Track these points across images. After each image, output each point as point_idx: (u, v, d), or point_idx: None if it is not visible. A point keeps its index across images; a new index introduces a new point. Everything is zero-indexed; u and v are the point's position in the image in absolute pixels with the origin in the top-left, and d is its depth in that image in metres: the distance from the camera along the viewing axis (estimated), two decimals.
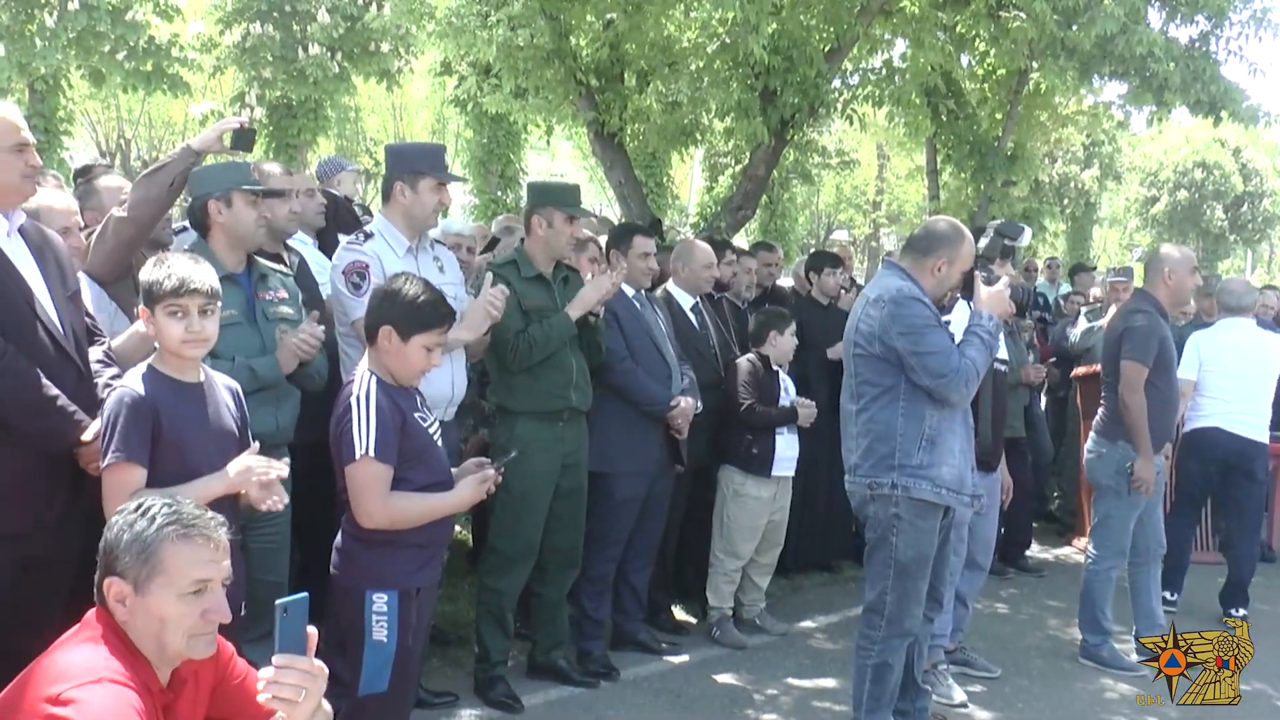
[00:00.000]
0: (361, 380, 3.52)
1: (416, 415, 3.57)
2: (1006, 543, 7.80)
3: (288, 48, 16.65)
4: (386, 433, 3.43)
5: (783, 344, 6.11)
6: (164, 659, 2.38)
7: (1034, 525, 8.36)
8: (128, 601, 2.34)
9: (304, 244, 5.29)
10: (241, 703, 2.58)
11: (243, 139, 4.26)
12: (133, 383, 3.17)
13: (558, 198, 5.10)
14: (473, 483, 3.59)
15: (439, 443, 3.67)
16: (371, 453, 3.40)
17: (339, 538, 3.60)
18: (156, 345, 3.29)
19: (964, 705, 5.32)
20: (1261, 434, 6.72)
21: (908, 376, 4.26)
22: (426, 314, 3.54)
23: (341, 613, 3.54)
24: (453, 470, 3.70)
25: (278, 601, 2.25)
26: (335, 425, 3.53)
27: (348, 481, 3.46)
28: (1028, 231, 5.66)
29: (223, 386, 3.44)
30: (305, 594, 2.30)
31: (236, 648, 2.69)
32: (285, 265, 4.61)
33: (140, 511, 2.40)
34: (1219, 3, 9.57)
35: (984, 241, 4.72)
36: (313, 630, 2.29)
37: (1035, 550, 8.18)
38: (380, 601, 3.47)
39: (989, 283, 4.44)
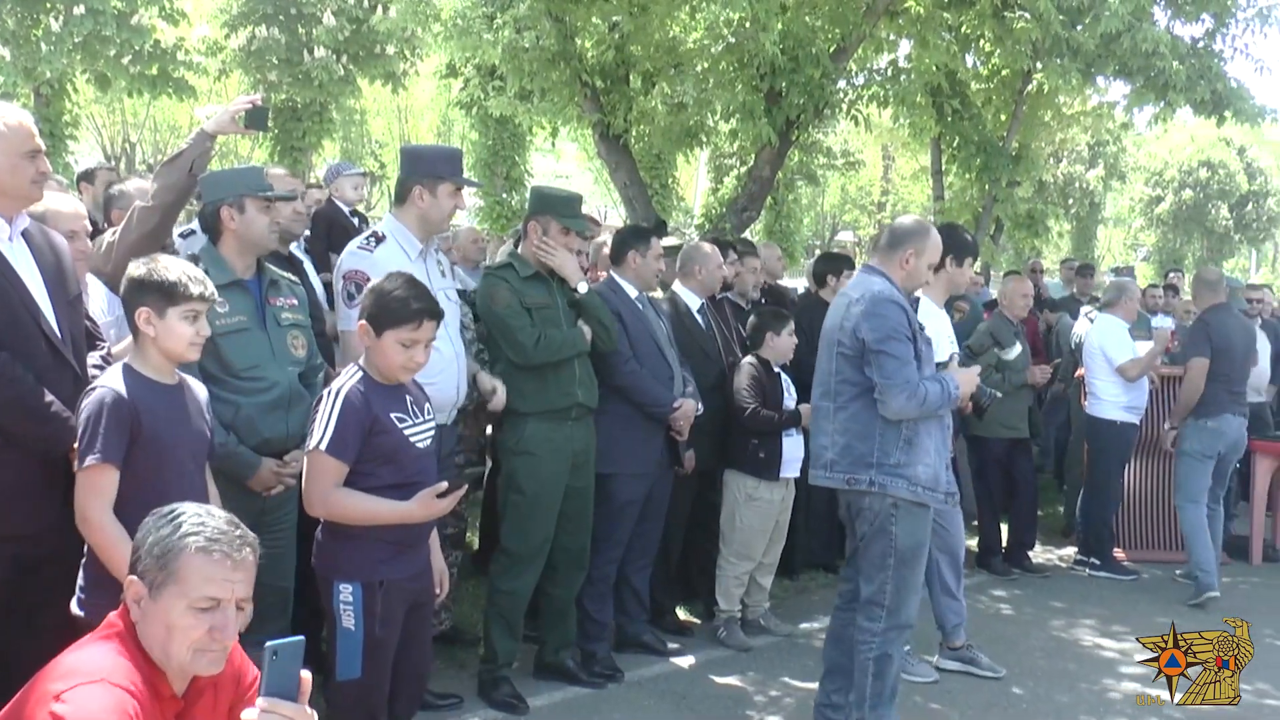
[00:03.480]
0: (345, 374, 3.57)
1: (393, 415, 3.53)
2: (1010, 544, 7.85)
3: (293, 51, 16.65)
4: (345, 430, 3.43)
5: (780, 344, 6.06)
6: (170, 667, 2.37)
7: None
8: (142, 603, 2.36)
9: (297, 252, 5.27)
10: None
11: (256, 118, 4.22)
12: (113, 382, 3.14)
13: (557, 207, 5.09)
14: (425, 498, 3.50)
15: (421, 445, 3.62)
16: (324, 447, 3.43)
17: (318, 529, 3.63)
18: (136, 345, 3.26)
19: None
20: None
21: None
22: (396, 310, 3.49)
23: (323, 600, 3.61)
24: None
25: (268, 644, 2.20)
26: (312, 413, 3.58)
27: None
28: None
29: (195, 390, 3.43)
30: (301, 638, 2.26)
31: None
32: (290, 268, 4.60)
33: (169, 516, 2.41)
34: (1224, 0, 9.58)
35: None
36: (306, 675, 2.26)
37: (1038, 551, 8.16)
38: (346, 592, 3.50)
39: (964, 364, 5.11)
